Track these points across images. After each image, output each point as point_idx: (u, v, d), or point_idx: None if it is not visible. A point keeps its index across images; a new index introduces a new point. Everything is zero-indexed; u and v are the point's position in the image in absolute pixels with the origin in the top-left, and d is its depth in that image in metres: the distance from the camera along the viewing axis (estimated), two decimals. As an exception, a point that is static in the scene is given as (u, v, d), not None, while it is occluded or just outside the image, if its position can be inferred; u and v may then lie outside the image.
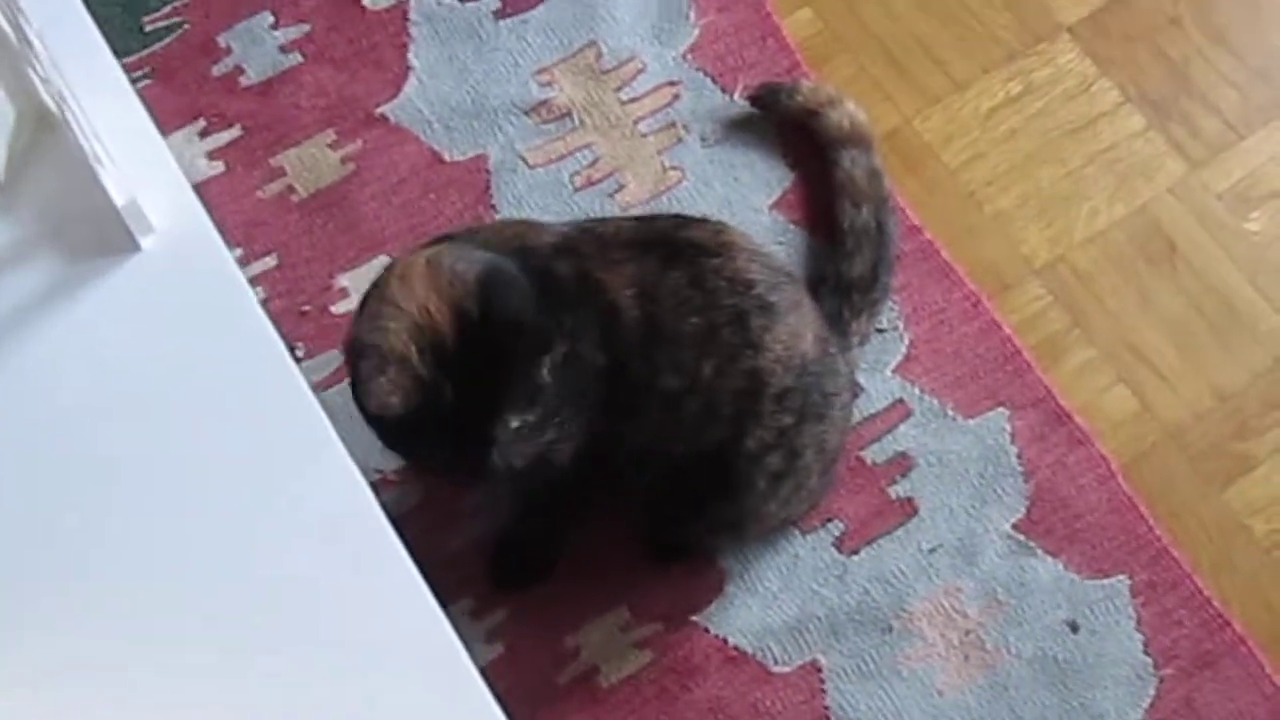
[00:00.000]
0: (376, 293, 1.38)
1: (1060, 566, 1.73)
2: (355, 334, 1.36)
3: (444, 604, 1.60)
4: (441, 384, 1.32)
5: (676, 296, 1.43)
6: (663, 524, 1.63)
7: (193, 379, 1.21)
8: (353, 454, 1.62)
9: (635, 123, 1.95)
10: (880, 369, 1.82)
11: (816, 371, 1.50)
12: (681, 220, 1.53)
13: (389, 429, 1.37)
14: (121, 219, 1.19)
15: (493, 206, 1.89)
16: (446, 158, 1.93)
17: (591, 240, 1.46)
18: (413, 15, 2.00)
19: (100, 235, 1.22)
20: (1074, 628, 1.71)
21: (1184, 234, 1.90)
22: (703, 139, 1.94)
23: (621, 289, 1.43)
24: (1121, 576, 1.73)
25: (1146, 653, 1.70)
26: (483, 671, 1.54)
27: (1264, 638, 1.70)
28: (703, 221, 1.54)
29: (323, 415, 1.22)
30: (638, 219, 1.53)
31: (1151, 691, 1.69)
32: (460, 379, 1.33)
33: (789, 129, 1.94)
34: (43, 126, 1.24)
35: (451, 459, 1.39)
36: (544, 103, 1.96)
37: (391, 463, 1.73)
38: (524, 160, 1.93)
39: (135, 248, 1.22)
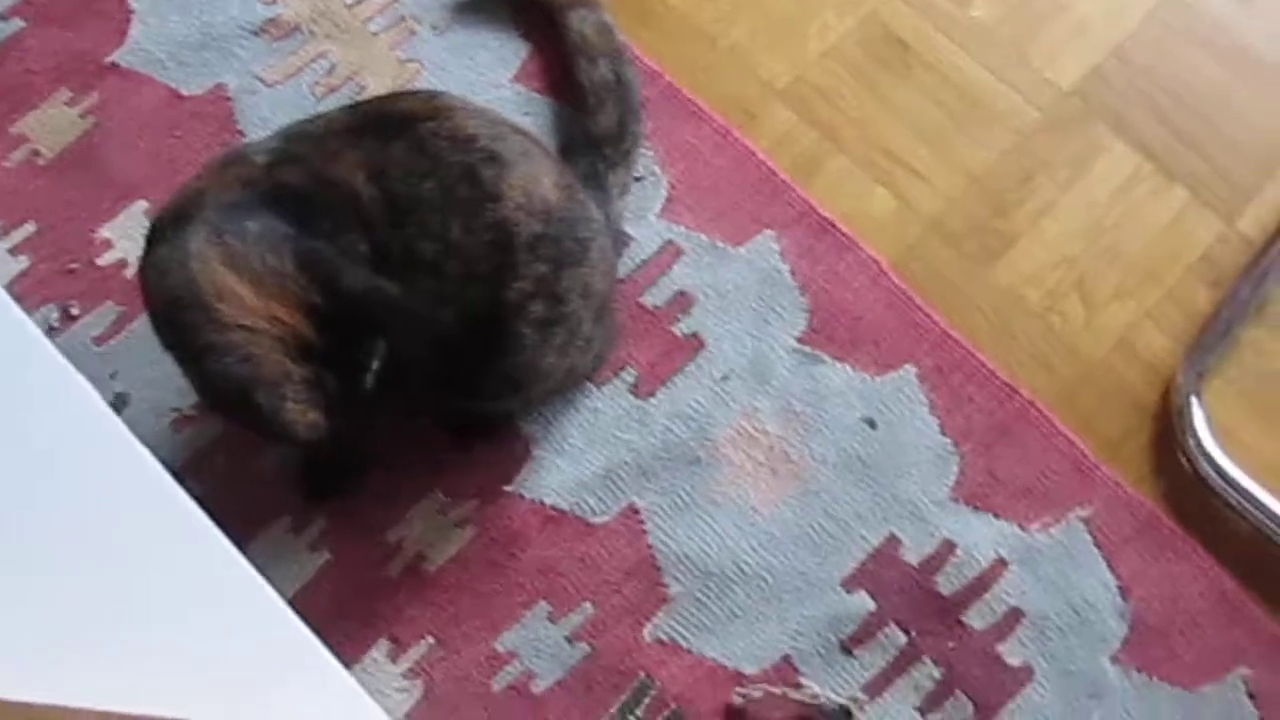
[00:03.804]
0: (199, 318, 1.36)
1: (849, 369, 1.78)
2: (216, 370, 1.35)
3: (262, 523, 1.64)
4: (323, 376, 1.37)
5: (404, 166, 1.44)
6: (451, 400, 1.64)
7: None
8: (149, 394, 1.64)
9: (364, 23, 1.96)
10: (645, 215, 1.85)
11: (565, 217, 1.52)
12: (390, 96, 1.55)
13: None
14: None
15: (240, 132, 1.89)
16: (185, 93, 1.92)
17: (304, 141, 1.47)
18: (125, -41, 1.98)
19: None
20: (872, 424, 1.76)
21: (913, 32, 1.95)
22: (434, 28, 1.96)
23: (353, 175, 1.44)
24: (908, 367, 1.78)
25: (944, 433, 1.75)
26: (312, 580, 1.58)
27: (1050, 398, 1.77)
28: (413, 93, 1.56)
29: (59, 358, 1.21)
30: (346, 107, 1.53)
31: (955, 469, 1.74)
32: (328, 360, 1.37)
33: (517, 2, 1.95)
34: None
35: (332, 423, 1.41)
36: (271, 20, 1.97)
37: (187, 399, 1.73)
38: (262, 81, 1.93)
39: None
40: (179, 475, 1.63)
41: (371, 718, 1.09)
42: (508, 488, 1.72)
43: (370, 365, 1.41)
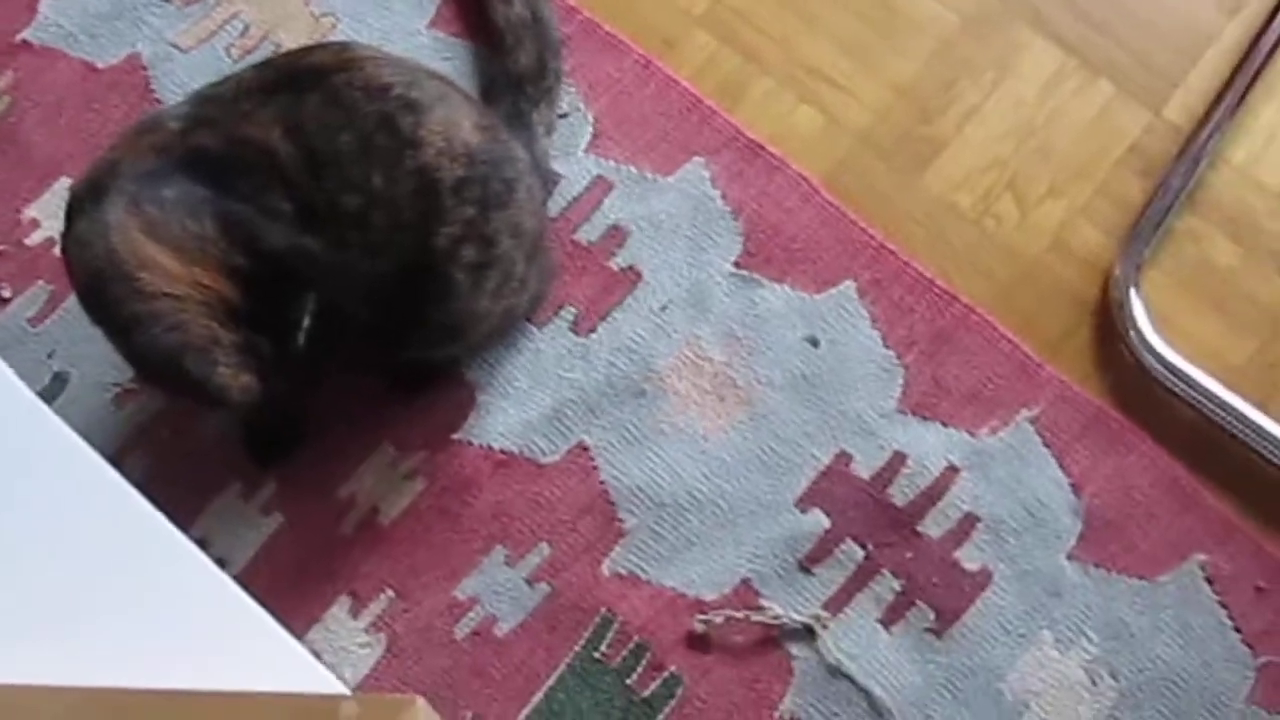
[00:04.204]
0: (123, 290, 1.36)
1: (787, 289, 1.78)
2: (144, 341, 1.36)
3: (212, 492, 1.63)
4: (254, 339, 1.37)
5: (320, 120, 1.43)
6: (390, 352, 1.63)
7: None
8: (89, 370, 1.63)
9: (275, -20, 1.94)
10: (573, 152, 1.84)
11: (488, 159, 1.51)
12: (299, 50, 1.53)
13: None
14: None
15: (158, 100, 1.87)
16: (100, 65, 1.90)
17: (216, 104, 1.46)
18: (26, -65, 1.96)
19: None
20: (814, 343, 1.76)
21: (826, -55, 1.93)
22: (345, -22, 1.93)
23: (268, 133, 1.43)
24: (846, 282, 1.78)
25: (887, 346, 1.76)
26: (267, 543, 1.58)
27: (989, 302, 1.77)
28: (321, 46, 1.55)
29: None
30: (257, 65, 1.52)
31: (900, 380, 1.75)
32: (258, 321, 1.37)
33: (426, -52, 1.93)
34: None
35: (266, 385, 1.42)
36: (182, -15, 1.94)
37: (126, 374, 1.72)
38: (176, 47, 1.91)
39: None
40: (124, 450, 1.65)
41: (322, 680, 1.09)
42: (455, 435, 1.72)
43: (300, 323, 1.41)
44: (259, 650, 1.09)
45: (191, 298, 1.36)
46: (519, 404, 1.73)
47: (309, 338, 1.46)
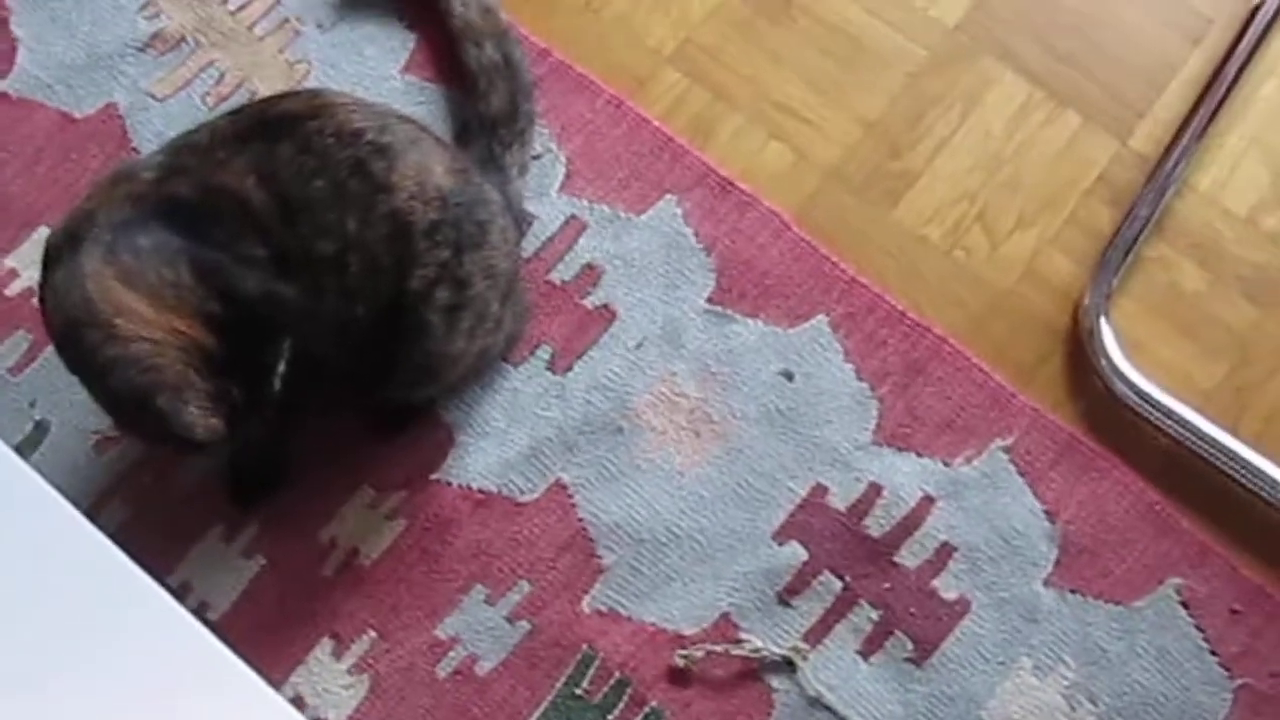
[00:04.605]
0: (99, 337, 1.37)
1: (761, 324, 1.79)
2: (118, 385, 1.37)
3: (194, 536, 1.64)
4: (227, 386, 1.38)
5: (293, 167, 1.45)
6: (367, 394, 1.65)
7: None
8: (70, 418, 1.64)
9: (249, 28, 1.96)
10: (546, 192, 1.86)
11: (461, 201, 1.52)
12: (271, 98, 1.54)
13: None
14: None
15: (135, 149, 1.89)
16: (77, 115, 1.92)
17: (190, 152, 1.48)
18: (3, -13, 1.98)
19: None
20: (789, 376, 1.77)
21: (794, -17, 1.96)
22: (319, 26, 1.96)
23: (242, 181, 1.45)
24: (820, 316, 1.80)
25: (860, 378, 1.77)
26: (249, 586, 1.59)
27: (962, 333, 1.79)
28: (294, 93, 1.57)
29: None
30: (228, 114, 1.53)
31: (874, 412, 1.76)
32: (233, 367, 1.38)
33: (399, -7, 1.95)
34: None
35: (237, 431, 1.43)
36: (156, 35, 1.96)
37: (107, 421, 1.72)
38: (152, 96, 1.92)
39: None
40: (105, 497, 1.66)
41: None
42: (434, 475, 1.73)
43: (276, 368, 1.42)
44: (236, 700, 1.10)
45: (167, 343, 1.37)
46: (497, 443, 1.75)
47: (285, 382, 1.47)
